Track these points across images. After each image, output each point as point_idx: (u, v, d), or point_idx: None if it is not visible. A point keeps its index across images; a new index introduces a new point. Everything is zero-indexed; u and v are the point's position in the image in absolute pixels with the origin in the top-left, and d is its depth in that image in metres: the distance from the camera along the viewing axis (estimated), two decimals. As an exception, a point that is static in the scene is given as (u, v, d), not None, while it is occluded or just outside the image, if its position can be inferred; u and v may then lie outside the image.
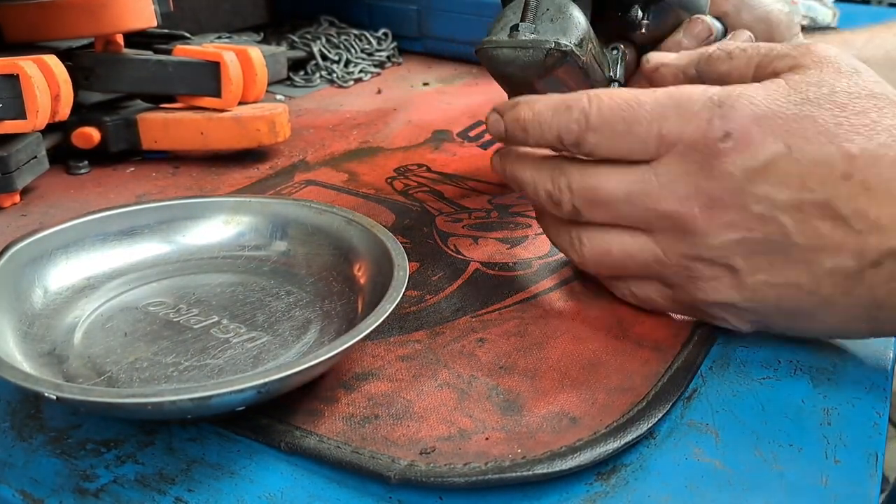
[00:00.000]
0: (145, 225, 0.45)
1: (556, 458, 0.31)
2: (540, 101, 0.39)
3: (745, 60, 0.39)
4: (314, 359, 0.31)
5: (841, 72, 0.36)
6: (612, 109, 0.37)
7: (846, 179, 0.34)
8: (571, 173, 0.39)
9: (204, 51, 0.62)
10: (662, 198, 0.36)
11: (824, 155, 0.34)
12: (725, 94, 0.35)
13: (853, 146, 0.34)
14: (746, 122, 0.35)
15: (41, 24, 0.60)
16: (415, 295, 0.44)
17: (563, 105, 0.38)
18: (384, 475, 0.31)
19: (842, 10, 0.91)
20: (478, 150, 0.66)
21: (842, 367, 0.38)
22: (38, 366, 0.35)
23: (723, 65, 0.39)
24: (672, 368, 0.37)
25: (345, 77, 0.85)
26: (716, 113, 0.35)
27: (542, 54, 0.40)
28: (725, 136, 0.35)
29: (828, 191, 0.34)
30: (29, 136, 0.54)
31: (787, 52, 0.38)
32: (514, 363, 0.38)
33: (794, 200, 0.34)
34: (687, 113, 0.36)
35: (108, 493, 0.31)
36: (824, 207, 0.34)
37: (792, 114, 0.35)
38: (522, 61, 0.41)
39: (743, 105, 0.35)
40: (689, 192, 0.36)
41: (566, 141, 0.38)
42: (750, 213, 0.35)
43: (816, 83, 0.36)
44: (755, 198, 0.35)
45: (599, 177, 0.38)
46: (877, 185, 0.34)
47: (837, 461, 0.33)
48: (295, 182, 0.59)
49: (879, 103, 0.35)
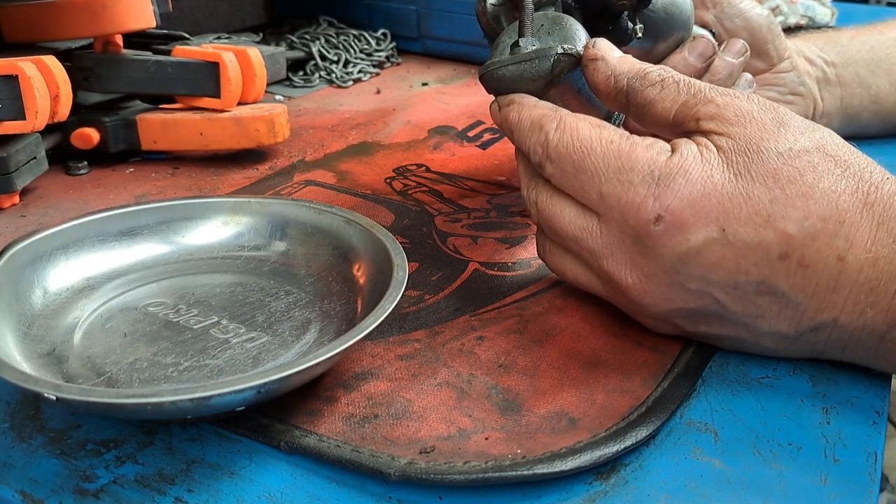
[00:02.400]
0: (145, 225, 0.45)
1: (556, 459, 0.31)
2: (526, 110, 0.39)
3: (674, 94, 0.37)
4: (314, 359, 0.31)
5: (766, 128, 0.35)
6: (567, 147, 0.37)
7: (783, 260, 0.34)
8: (540, 192, 0.39)
9: (203, 51, 0.62)
10: (603, 257, 0.37)
11: (760, 238, 0.33)
12: (665, 171, 0.34)
13: (789, 225, 0.33)
14: (680, 205, 0.34)
15: (40, 24, 0.60)
16: (414, 295, 0.44)
17: (538, 123, 0.38)
18: (384, 473, 0.31)
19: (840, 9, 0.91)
20: (477, 149, 0.66)
21: (841, 366, 0.38)
22: (37, 366, 0.35)
23: (652, 90, 0.37)
24: (673, 373, 0.37)
25: (344, 77, 0.85)
26: (651, 191, 0.34)
27: (549, 62, 0.39)
28: (657, 220, 0.34)
29: (764, 272, 0.34)
30: (28, 136, 0.55)
31: (711, 98, 0.36)
32: (513, 361, 0.38)
33: (730, 281, 0.34)
34: (626, 182, 0.35)
35: (108, 494, 0.31)
36: (761, 285, 0.34)
37: (727, 193, 0.34)
38: (530, 74, 0.40)
39: (679, 185, 0.34)
40: (625, 261, 0.36)
41: (532, 160, 0.39)
42: (685, 288, 0.35)
43: (745, 150, 0.34)
44: (689, 277, 0.35)
45: (556, 207, 0.38)
46: (814, 262, 0.33)
47: (837, 460, 0.33)
48: (294, 182, 0.59)
49: (813, 160, 0.34)
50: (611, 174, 0.36)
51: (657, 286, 0.36)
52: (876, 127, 0.64)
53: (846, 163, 0.34)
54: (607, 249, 0.37)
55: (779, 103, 0.61)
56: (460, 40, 0.90)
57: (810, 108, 0.61)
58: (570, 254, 0.40)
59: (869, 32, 0.65)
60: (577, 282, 0.40)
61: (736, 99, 0.36)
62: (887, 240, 0.33)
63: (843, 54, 0.63)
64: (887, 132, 0.65)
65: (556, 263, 0.41)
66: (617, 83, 0.39)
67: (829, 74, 0.62)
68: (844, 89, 0.62)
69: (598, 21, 0.47)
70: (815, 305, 0.34)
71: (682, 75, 0.38)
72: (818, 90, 0.61)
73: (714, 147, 0.35)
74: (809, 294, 0.34)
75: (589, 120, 0.38)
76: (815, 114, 0.62)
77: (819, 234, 0.33)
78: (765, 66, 0.58)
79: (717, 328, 0.37)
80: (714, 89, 0.37)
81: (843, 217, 0.33)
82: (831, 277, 0.33)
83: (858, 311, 0.34)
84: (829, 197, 0.33)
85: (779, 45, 0.59)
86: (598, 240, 0.37)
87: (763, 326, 0.36)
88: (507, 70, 0.40)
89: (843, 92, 0.62)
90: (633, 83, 0.38)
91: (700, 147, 0.35)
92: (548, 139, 0.37)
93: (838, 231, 0.33)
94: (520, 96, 0.40)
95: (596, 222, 0.37)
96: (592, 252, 0.37)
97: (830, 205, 0.33)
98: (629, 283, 0.36)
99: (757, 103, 0.36)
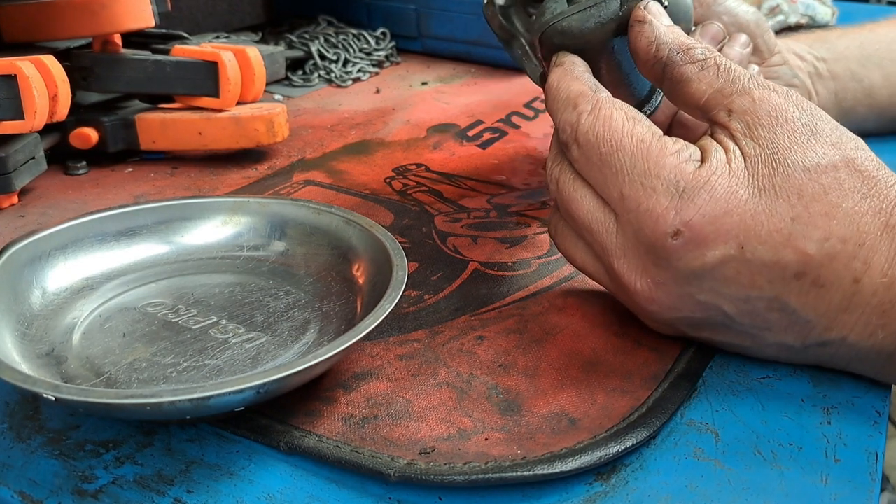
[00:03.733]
0: (144, 225, 0.45)
1: (556, 460, 0.31)
2: (566, 80, 0.38)
3: (712, 77, 0.36)
4: (313, 359, 0.31)
5: (796, 135, 0.34)
6: (597, 136, 0.36)
7: (798, 279, 0.33)
8: (564, 171, 0.38)
9: (202, 51, 0.61)
10: (616, 257, 0.36)
11: (778, 257, 0.33)
12: (692, 184, 0.33)
13: (809, 245, 0.33)
14: (701, 221, 0.33)
15: (39, 24, 0.60)
16: (414, 295, 0.44)
17: (574, 100, 0.37)
18: (384, 474, 0.31)
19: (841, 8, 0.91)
20: (477, 149, 0.66)
21: (841, 365, 0.38)
22: (36, 367, 0.35)
23: (692, 68, 0.36)
24: (673, 373, 0.37)
25: (343, 77, 0.85)
26: (674, 203, 0.34)
27: (617, 3, 0.37)
28: (676, 234, 0.34)
29: (777, 289, 0.33)
30: (27, 136, 0.54)
31: (749, 90, 0.35)
32: (513, 361, 0.38)
33: (741, 295, 0.34)
34: (650, 188, 0.34)
35: (107, 494, 0.31)
36: (772, 301, 0.34)
37: (750, 210, 0.33)
38: (598, 18, 0.37)
39: (702, 201, 0.33)
40: (637, 267, 0.36)
41: (560, 137, 0.38)
42: (694, 300, 0.35)
43: (772, 161, 0.33)
44: (700, 290, 0.35)
45: (578, 193, 0.37)
46: (830, 282, 0.33)
47: (837, 460, 0.32)
48: (293, 182, 0.59)
49: (840, 177, 0.33)
50: (635, 176, 0.34)
51: (666, 295, 0.35)
52: (873, 123, 0.64)
53: (874, 179, 0.33)
54: (620, 250, 0.36)
55: None
56: (460, 39, 0.90)
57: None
58: (583, 241, 0.39)
59: (858, 31, 0.65)
60: (584, 269, 0.40)
61: (774, 94, 0.35)
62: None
63: (832, 51, 0.63)
64: (885, 129, 0.65)
65: (566, 246, 0.40)
66: (658, 52, 0.37)
67: (821, 69, 0.62)
68: (837, 83, 0.62)
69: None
70: (824, 324, 0.34)
71: (726, 59, 0.36)
72: (812, 84, 0.62)
73: (741, 156, 0.34)
74: (821, 313, 0.34)
75: (626, 110, 0.36)
76: None
77: (838, 256, 0.33)
78: (757, 60, 0.59)
79: (721, 336, 0.37)
80: (753, 79, 0.35)
81: (864, 239, 0.33)
82: (844, 298, 0.33)
83: (869, 331, 0.33)
84: (852, 218, 0.33)
85: (768, 40, 0.59)
86: (614, 238, 0.36)
87: (769, 338, 0.36)
88: (572, 20, 0.38)
89: (836, 86, 0.62)
90: (673, 55, 0.37)
91: (729, 154, 0.34)
92: (579, 121, 0.36)
93: (857, 253, 0.33)
94: (570, 60, 0.39)
95: (613, 220, 0.36)
96: (605, 248, 0.36)
97: (852, 226, 0.33)
98: (638, 288, 0.36)
99: (794, 102, 0.35)
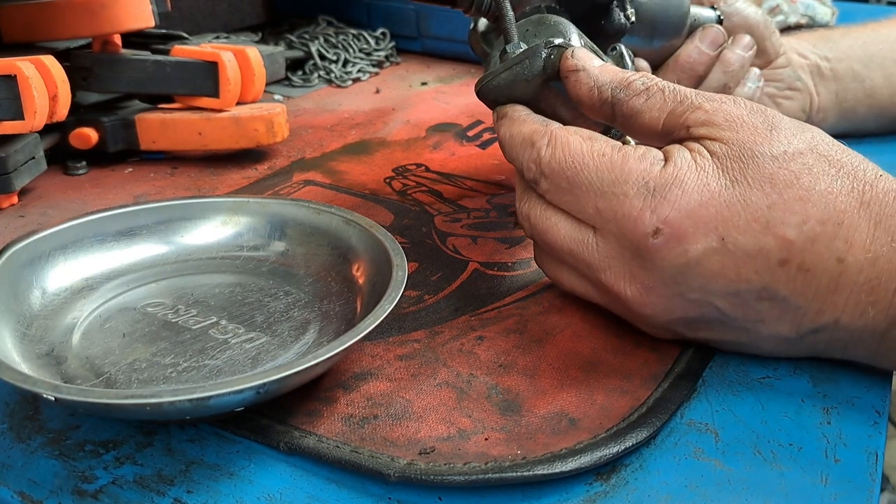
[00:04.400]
0: (143, 225, 0.45)
1: (556, 460, 0.31)
2: (517, 125, 0.39)
3: (660, 102, 0.36)
4: (313, 359, 0.31)
5: (758, 131, 0.34)
6: (560, 163, 0.36)
7: (783, 265, 0.33)
8: (533, 206, 0.39)
9: (202, 51, 0.61)
10: (601, 270, 0.36)
11: (760, 245, 0.33)
12: (661, 182, 0.34)
13: (789, 230, 0.33)
14: (678, 216, 0.33)
15: (39, 24, 0.60)
16: (414, 295, 0.44)
17: (529, 139, 0.38)
18: (383, 474, 0.31)
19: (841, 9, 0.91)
20: (476, 149, 0.66)
21: (842, 366, 0.38)
22: (36, 367, 0.35)
23: (638, 99, 0.37)
24: (673, 373, 0.37)
25: (343, 77, 0.85)
26: (648, 204, 0.34)
27: (540, 59, 0.38)
28: (655, 233, 0.34)
29: (764, 278, 0.34)
30: (27, 136, 0.54)
31: (699, 104, 0.35)
32: (513, 361, 0.38)
33: (731, 289, 0.34)
34: (621, 195, 0.34)
35: (107, 495, 0.31)
36: (762, 291, 0.34)
37: (724, 201, 0.33)
38: (523, 75, 0.39)
39: (675, 196, 0.34)
40: (624, 274, 0.36)
41: (526, 176, 0.38)
42: (685, 299, 0.35)
43: (740, 155, 0.34)
44: (689, 288, 0.35)
45: (551, 221, 0.38)
46: (814, 265, 0.33)
47: (837, 460, 0.32)
48: (293, 182, 0.59)
49: (808, 162, 0.34)
50: (605, 188, 0.35)
51: (657, 298, 0.35)
52: (872, 123, 0.64)
53: (839, 162, 0.34)
54: (605, 262, 0.36)
55: (777, 99, 0.61)
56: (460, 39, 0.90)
57: (807, 103, 0.61)
58: (566, 265, 0.39)
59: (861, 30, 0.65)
60: (574, 291, 0.40)
61: (724, 104, 0.35)
62: (885, 238, 0.33)
63: (835, 49, 0.63)
64: (885, 129, 0.65)
65: (553, 273, 0.41)
66: (601, 94, 0.37)
67: (824, 68, 0.62)
68: (839, 83, 0.62)
69: (590, 20, 0.46)
70: (815, 308, 0.34)
71: (667, 82, 0.37)
72: (814, 85, 0.62)
73: (708, 153, 0.34)
74: (810, 297, 0.34)
75: (580, 133, 0.37)
76: (811, 108, 0.62)
77: (818, 238, 0.33)
78: (761, 62, 0.59)
79: (718, 334, 0.37)
80: (701, 95, 0.36)
81: (842, 218, 0.33)
82: (832, 280, 0.33)
83: (859, 311, 0.34)
84: (827, 199, 0.33)
85: (775, 42, 0.59)
86: (595, 253, 0.36)
87: (763, 330, 0.36)
88: (500, 78, 0.39)
89: (837, 86, 0.62)
90: (616, 94, 0.37)
91: (693, 154, 0.34)
92: (540, 156, 0.37)
93: (837, 233, 0.33)
94: (511, 109, 0.39)
95: (592, 235, 0.36)
96: (589, 265, 0.37)
97: (828, 207, 0.33)
98: (628, 295, 0.36)
99: (745, 107, 0.35)
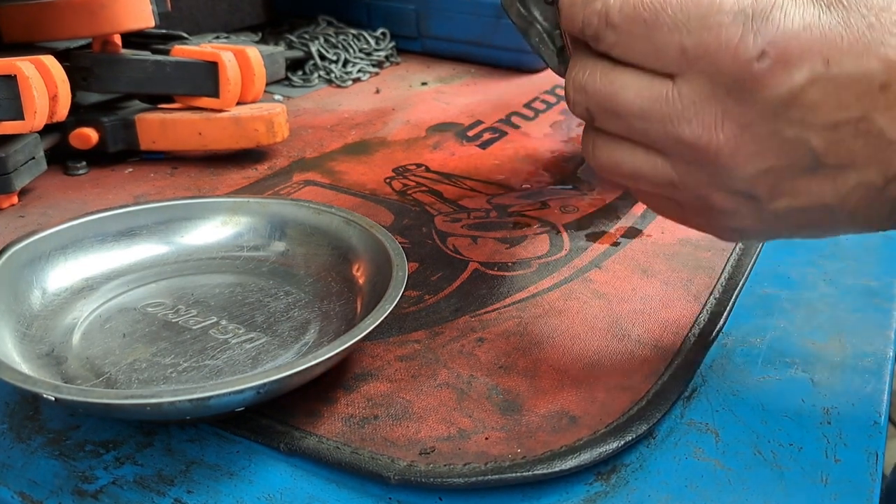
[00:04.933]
0: (144, 226, 0.45)
1: (555, 459, 0.31)
2: None
3: None
4: (313, 359, 0.31)
5: None
6: (635, 8, 0.33)
7: (884, 90, 0.32)
8: (592, 71, 0.36)
9: (202, 51, 0.61)
10: (684, 121, 0.34)
11: (863, 68, 0.31)
12: (760, 7, 0.32)
13: (890, 51, 0.31)
14: (784, 36, 0.32)
15: (39, 24, 0.60)
16: (414, 295, 0.44)
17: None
18: (384, 475, 0.31)
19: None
20: (477, 149, 0.66)
21: (842, 366, 0.38)
22: (36, 367, 0.35)
23: None
24: (672, 366, 0.37)
25: (343, 77, 0.85)
26: (749, 28, 0.32)
27: None
28: (761, 56, 0.32)
29: (864, 105, 0.32)
30: (27, 136, 0.54)
31: None
32: (513, 362, 0.38)
33: (830, 121, 0.32)
34: (714, 25, 0.32)
35: (107, 495, 0.31)
36: (859, 122, 0.32)
37: (826, 23, 0.32)
38: None
39: (778, 17, 0.32)
40: (714, 117, 0.33)
41: (587, 33, 0.35)
42: (781, 138, 0.33)
43: None
44: (789, 122, 0.32)
45: (617, 83, 0.35)
46: None
47: (837, 460, 0.32)
48: (293, 182, 0.59)
49: None
50: (693, 24, 0.33)
51: (752, 139, 0.33)
52: None
53: None
54: (689, 111, 0.33)
55: None
56: (460, 39, 0.90)
57: None
58: (629, 142, 0.36)
59: None
60: (635, 174, 0.37)
61: None
62: None
63: None
64: None
65: (609, 157, 0.37)
66: None
67: None
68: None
69: None
70: None
71: None
72: None
73: None
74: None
75: None
76: None
77: None
78: None
79: (803, 195, 0.34)
80: None
81: None
82: None
83: None
84: None
85: None
86: (677, 103, 0.34)
87: (852, 178, 0.33)
88: None
89: None
90: None
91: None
92: (608, 4, 0.34)
93: None
94: None
95: (671, 86, 0.34)
96: (669, 119, 0.34)
97: None
98: (720, 141, 0.33)
99: None
